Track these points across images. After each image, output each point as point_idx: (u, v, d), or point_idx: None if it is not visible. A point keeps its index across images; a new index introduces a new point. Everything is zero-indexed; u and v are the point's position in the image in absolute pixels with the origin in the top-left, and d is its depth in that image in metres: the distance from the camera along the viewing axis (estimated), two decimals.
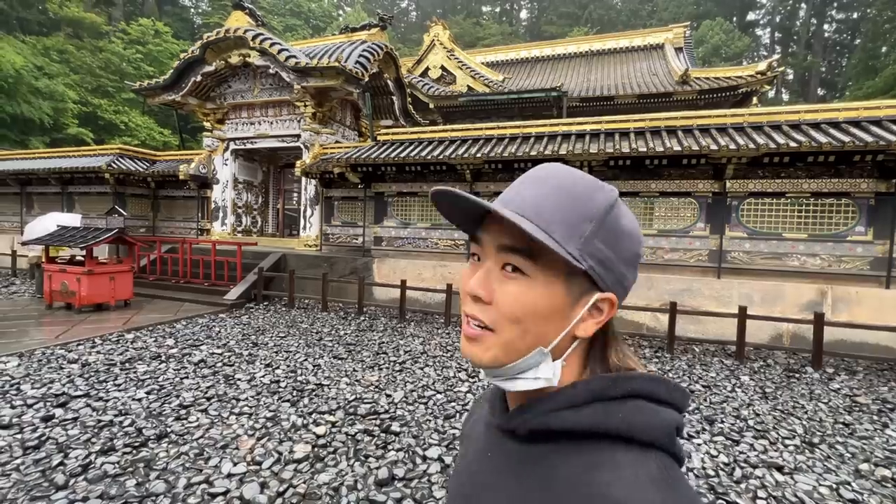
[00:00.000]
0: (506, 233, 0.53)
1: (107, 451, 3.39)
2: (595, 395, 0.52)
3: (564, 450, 0.52)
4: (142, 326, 7.36)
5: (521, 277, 0.52)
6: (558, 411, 0.53)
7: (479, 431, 0.69)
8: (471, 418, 0.78)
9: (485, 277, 0.54)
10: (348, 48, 12.03)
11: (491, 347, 0.53)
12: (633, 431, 0.49)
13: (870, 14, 35.52)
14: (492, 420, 0.64)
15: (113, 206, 11.56)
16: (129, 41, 27.04)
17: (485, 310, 0.53)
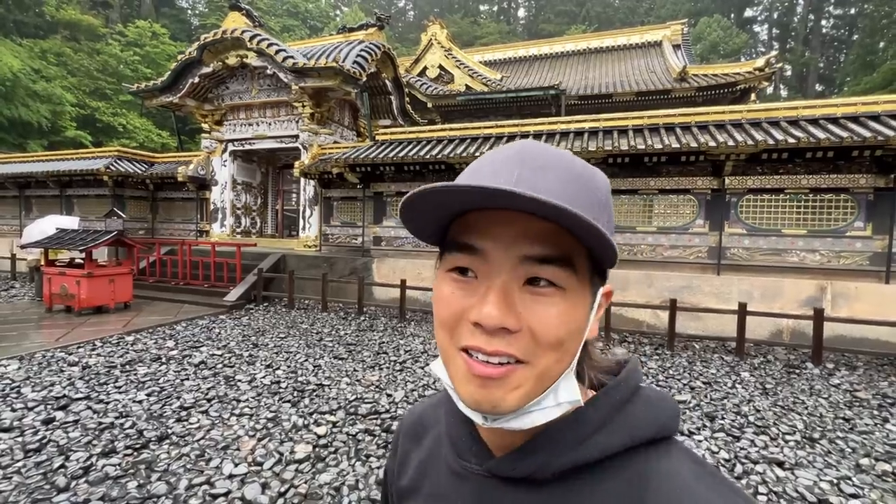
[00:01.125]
0: (531, 237, 0.41)
1: (108, 454, 3.39)
2: (616, 405, 0.45)
3: (592, 479, 0.44)
4: (142, 328, 7.36)
5: (556, 292, 0.42)
6: (589, 440, 0.44)
7: (442, 486, 0.53)
8: (405, 466, 0.61)
9: (505, 301, 0.41)
10: (346, 48, 12.03)
11: (521, 384, 0.42)
12: (662, 431, 0.44)
13: (867, 10, 35.55)
14: (465, 466, 0.50)
15: (111, 208, 11.55)
16: (127, 43, 27.02)
17: (512, 340, 0.41)
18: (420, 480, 0.57)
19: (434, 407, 0.63)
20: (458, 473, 0.51)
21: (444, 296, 0.45)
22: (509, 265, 0.42)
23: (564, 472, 0.44)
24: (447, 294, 0.45)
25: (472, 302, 0.43)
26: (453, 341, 0.44)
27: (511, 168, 0.42)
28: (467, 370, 0.43)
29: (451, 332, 0.44)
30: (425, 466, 0.57)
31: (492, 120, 11.41)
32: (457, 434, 0.52)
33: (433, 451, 0.57)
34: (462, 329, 0.43)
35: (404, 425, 0.66)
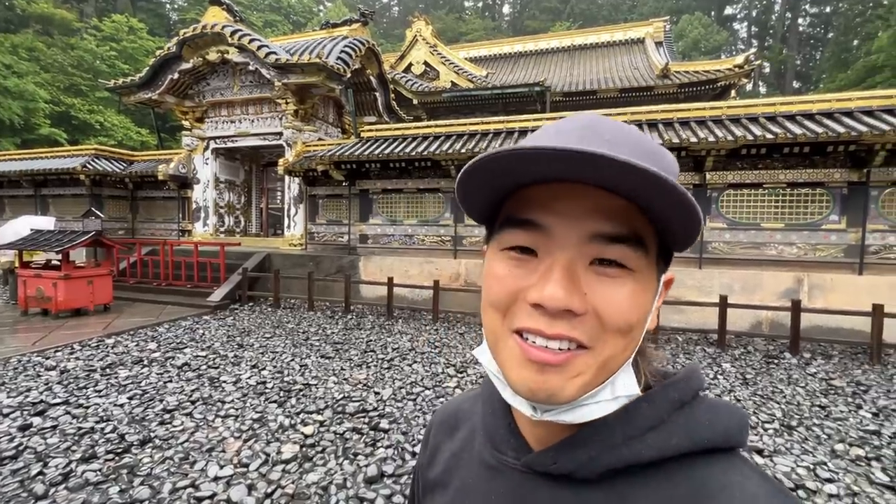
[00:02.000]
0: (602, 213, 0.38)
1: (88, 459, 3.31)
2: (674, 404, 0.42)
3: (644, 483, 0.40)
4: (123, 331, 7.20)
5: (625, 274, 0.39)
6: (642, 437, 0.40)
7: (473, 479, 0.50)
8: (436, 457, 0.58)
9: (570, 281, 0.38)
10: (329, 44, 11.89)
11: (582, 372, 0.39)
12: (728, 439, 0.40)
13: (841, 8, 36.47)
14: (501, 458, 0.47)
15: (89, 208, 11.26)
16: (103, 38, 26.26)
17: (576, 323, 0.38)
18: (450, 473, 0.54)
19: (470, 401, 0.60)
20: (493, 467, 0.48)
21: (499, 275, 0.42)
22: (576, 243, 0.39)
23: (611, 471, 0.40)
24: (502, 273, 0.41)
25: (531, 281, 0.40)
26: (506, 323, 0.41)
27: (579, 139, 0.38)
28: (522, 355, 0.39)
29: (504, 314, 0.41)
30: (457, 459, 0.54)
31: (478, 116, 11.42)
32: (494, 426, 0.49)
33: (466, 444, 0.54)
34: (518, 310, 0.40)
35: (437, 418, 0.63)
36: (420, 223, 9.97)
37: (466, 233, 9.59)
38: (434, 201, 9.87)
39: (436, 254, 9.76)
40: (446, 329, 7.75)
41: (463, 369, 5.55)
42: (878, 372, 5.62)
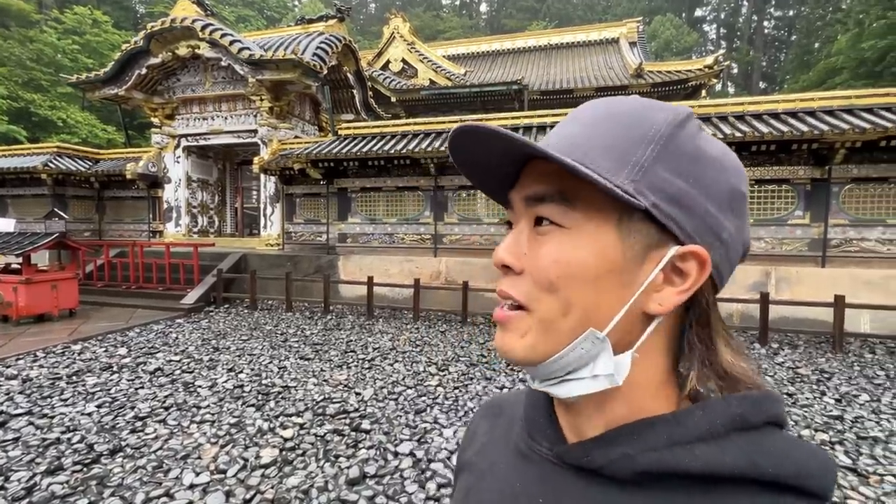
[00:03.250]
0: (533, 179, 0.41)
1: (54, 471, 3.17)
2: (736, 422, 0.37)
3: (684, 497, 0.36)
4: (90, 336, 6.91)
5: (555, 230, 0.40)
6: (689, 445, 0.36)
7: (501, 464, 0.50)
8: (474, 440, 0.58)
9: (514, 241, 0.42)
10: (305, 40, 11.68)
11: (526, 332, 0.40)
12: (802, 477, 0.35)
13: (804, 12, 38.02)
14: (534, 447, 0.46)
15: (52, 208, 10.77)
16: (64, 31, 25.08)
17: (515, 282, 0.41)
18: (482, 455, 0.53)
19: (517, 394, 0.60)
20: (525, 455, 0.47)
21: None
22: (522, 208, 0.43)
23: (648, 474, 0.37)
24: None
25: None
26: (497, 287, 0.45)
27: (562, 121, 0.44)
28: (494, 315, 0.44)
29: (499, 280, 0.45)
30: (492, 444, 0.54)
31: (456, 114, 11.43)
32: (533, 415, 0.48)
33: (504, 431, 0.53)
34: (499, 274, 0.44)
35: (483, 406, 0.64)
36: (400, 221, 9.92)
37: (446, 231, 9.59)
38: (414, 199, 9.83)
39: (416, 252, 9.72)
40: (427, 328, 7.73)
41: (444, 367, 5.55)
42: (840, 360, 5.89)
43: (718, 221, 0.39)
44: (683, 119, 0.40)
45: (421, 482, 3.06)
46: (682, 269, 0.38)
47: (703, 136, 0.40)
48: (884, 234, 7.33)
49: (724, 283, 0.42)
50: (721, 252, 0.39)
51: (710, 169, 0.39)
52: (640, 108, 0.40)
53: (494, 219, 9.30)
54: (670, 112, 0.40)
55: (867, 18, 23.18)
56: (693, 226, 0.38)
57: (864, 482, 3.07)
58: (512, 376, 5.22)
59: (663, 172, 0.37)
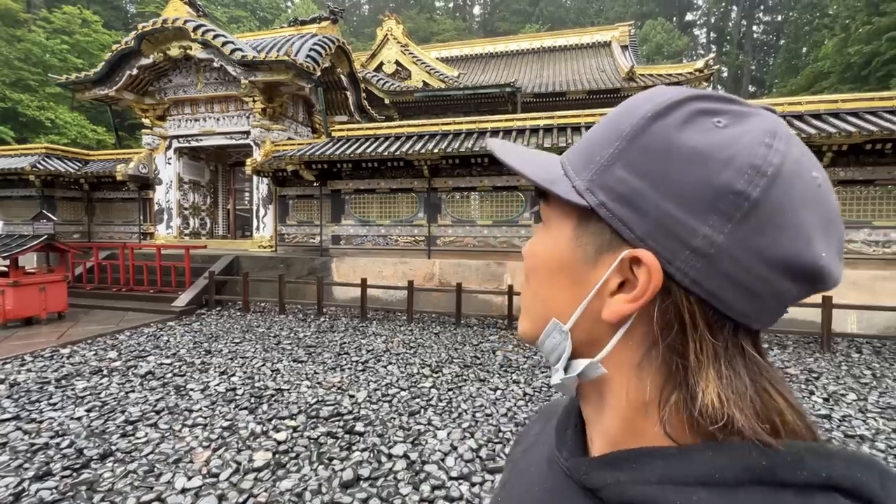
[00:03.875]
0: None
1: (42, 477, 3.12)
2: (755, 473, 0.30)
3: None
4: (79, 340, 6.83)
5: (539, 227, 0.44)
6: (687, 487, 0.31)
7: (534, 466, 0.48)
8: (524, 438, 0.58)
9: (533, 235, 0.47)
10: (298, 41, 11.65)
11: (524, 313, 0.45)
12: None
13: (792, 17, 38.62)
14: (557, 456, 0.44)
15: (40, 210, 10.62)
16: (53, 30, 24.78)
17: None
18: (526, 454, 0.53)
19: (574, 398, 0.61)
20: (551, 462, 0.45)
21: None
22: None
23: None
24: None
25: None
26: None
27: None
28: None
29: None
30: (537, 445, 0.52)
31: (450, 116, 11.44)
32: (564, 422, 0.47)
33: (547, 431, 0.52)
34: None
35: (544, 406, 0.64)
36: (393, 223, 9.91)
37: (440, 233, 9.60)
38: (407, 201, 9.83)
39: (409, 254, 9.72)
40: (421, 329, 7.73)
41: (438, 369, 5.55)
42: (828, 360, 5.99)
43: (684, 225, 0.32)
44: (665, 108, 0.34)
45: (415, 484, 3.07)
46: (633, 276, 0.35)
47: (692, 126, 0.34)
48: (870, 236, 7.46)
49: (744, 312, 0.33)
50: (697, 264, 0.32)
51: (680, 164, 0.33)
52: (635, 101, 0.37)
53: (488, 220, 9.33)
54: (656, 102, 0.35)
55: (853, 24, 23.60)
56: (645, 229, 0.34)
57: None
58: (506, 378, 5.24)
59: (620, 170, 0.35)
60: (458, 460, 3.37)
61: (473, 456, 3.43)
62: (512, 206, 9.16)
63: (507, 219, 9.19)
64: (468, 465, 3.31)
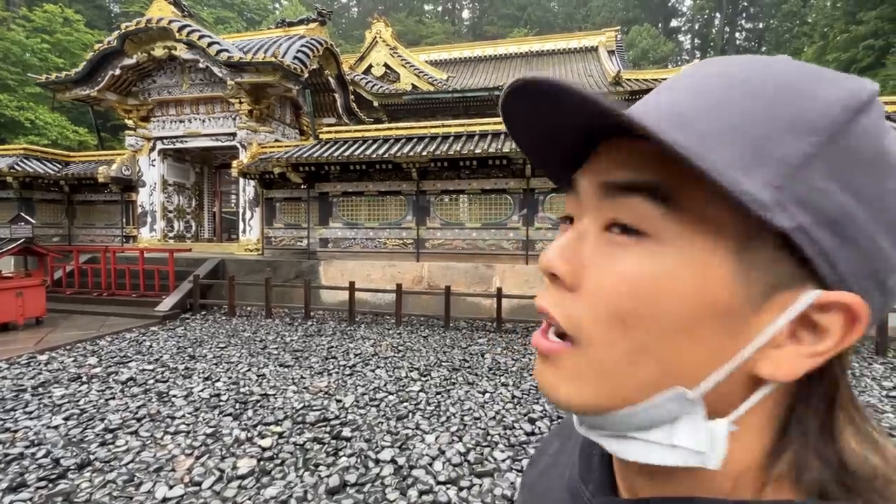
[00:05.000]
0: (615, 161, 0.29)
1: (16, 488, 3.02)
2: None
3: None
4: (58, 346, 6.65)
5: (640, 241, 0.28)
6: None
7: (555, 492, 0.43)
8: (541, 458, 0.52)
9: (571, 243, 0.31)
10: (286, 43, 11.56)
11: (578, 375, 0.29)
12: None
13: (773, 25, 39.60)
14: (581, 488, 0.39)
15: (18, 213, 10.35)
16: (33, 29, 24.26)
17: (563, 300, 0.30)
18: (543, 477, 0.47)
19: None
20: (574, 494, 0.39)
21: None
22: (592, 201, 0.31)
23: None
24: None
25: None
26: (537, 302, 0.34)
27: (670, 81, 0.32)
28: (533, 340, 0.33)
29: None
30: (554, 467, 0.47)
31: (438, 119, 11.45)
32: (589, 451, 0.41)
33: (568, 456, 0.46)
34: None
35: (561, 423, 0.57)
36: (382, 226, 9.87)
37: (429, 235, 9.59)
38: (396, 204, 9.80)
39: (398, 257, 9.69)
40: (409, 333, 7.69)
41: (426, 372, 5.52)
42: None
43: (890, 261, 0.26)
44: (865, 102, 0.25)
45: (402, 489, 3.04)
46: (818, 323, 0.26)
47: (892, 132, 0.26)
48: None
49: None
50: (879, 304, 0.27)
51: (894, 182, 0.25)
52: (795, 76, 0.27)
53: (477, 223, 9.34)
54: (844, 89, 0.26)
55: (831, 32, 24.28)
56: (852, 265, 0.25)
57: None
58: (494, 381, 5.23)
59: (821, 180, 0.25)
60: (446, 464, 3.35)
61: (462, 460, 3.41)
62: (501, 208, 9.18)
63: (496, 221, 9.21)
64: (456, 469, 3.29)
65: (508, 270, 8.86)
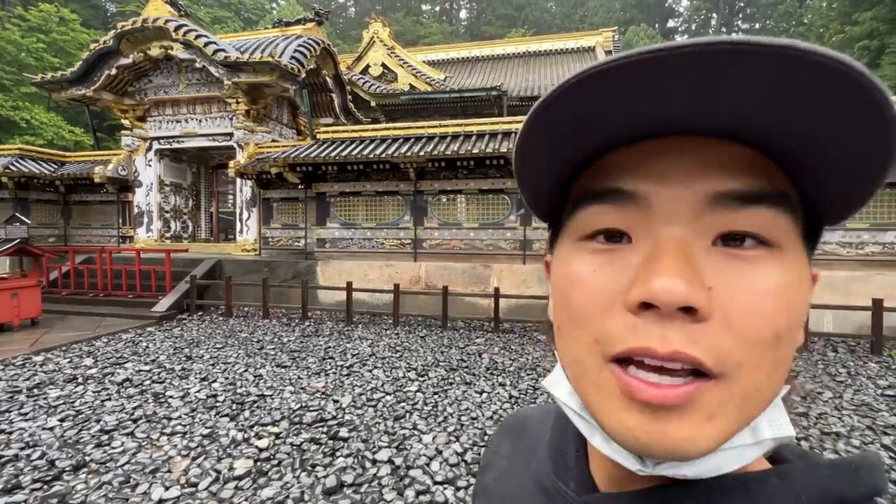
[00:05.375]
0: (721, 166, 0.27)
1: (11, 490, 3.00)
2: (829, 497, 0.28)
3: None
4: (53, 347, 6.62)
5: (769, 256, 0.27)
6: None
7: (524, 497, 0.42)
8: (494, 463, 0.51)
9: (688, 265, 0.26)
10: (283, 43, 11.54)
11: (717, 413, 0.26)
12: None
13: (769, 26, 39.77)
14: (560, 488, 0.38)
15: (13, 213, 10.29)
16: (29, 29, 24.12)
17: (698, 335, 0.26)
18: (502, 482, 0.46)
19: (544, 413, 0.52)
20: (549, 493, 0.39)
21: (580, 276, 0.30)
22: (689, 213, 0.27)
23: None
24: (585, 273, 0.30)
25: (627, 277, 0.28)
26: (599, 348, 0.28)
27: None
28: (624, 392, 0.27)
29: (597, 334, 0.28)
30: (511, 470, 0.46)
31: (436, 119, 11.45)
32: (560, 448, 0.41)
33: (527, 455, 0.46)
34: (613, 325, 0.28)
35: (506, 423, 0.57)
36: (379, 226, 9.86)
37: (426, 235, 9.59)
38: (393, 204, 9.80)
39: (395, 257, 9.68)
40: (407, 333, 7.69)
41: (424, 373, 5.52)
42: (806, 359, 6.13)
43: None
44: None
45: (399, 489, 3.03)
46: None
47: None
48: (843, 238, 7.68)
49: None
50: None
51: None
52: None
53: (474, 223, 9.35)
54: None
55: (827, 33, 24.40)
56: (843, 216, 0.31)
57: None
58: (491, 380, 5.24)
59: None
60: (444, 464, 3.35)
61: (459, 460, 3.41)
62: (498, 208, 9.19)
63: (494, 221, 9.22)
64: (453, 469, 3.29)
65: (506, 270, 8.86)
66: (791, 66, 0.22)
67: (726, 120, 0.26)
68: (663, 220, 0.28)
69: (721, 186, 0.27)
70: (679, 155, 0.28)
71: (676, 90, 0.24)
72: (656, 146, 0.28)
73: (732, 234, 0.27)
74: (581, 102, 0.26)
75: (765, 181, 0.27)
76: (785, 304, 0.27)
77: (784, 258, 0.27)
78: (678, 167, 0.28)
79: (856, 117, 0.23)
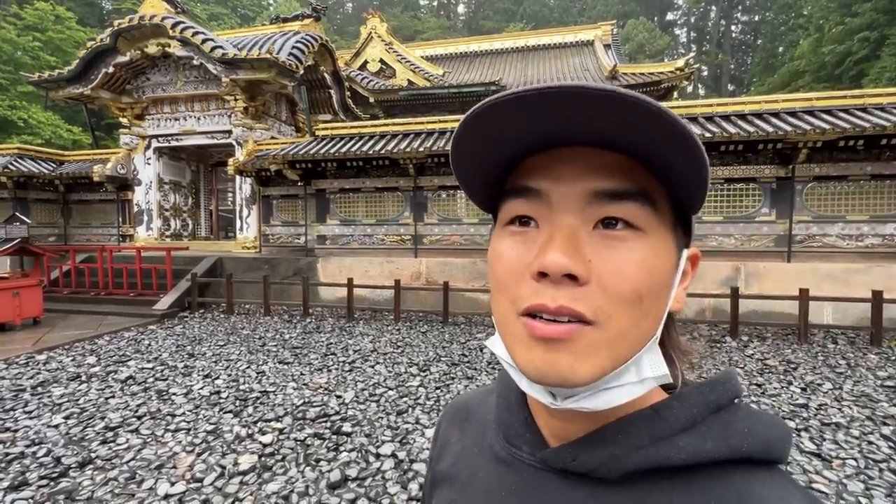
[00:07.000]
0: (601, 170, 0.36)
1: (18, 487, 3.03)
2: (709, 406, 0.39)
3: (672, 488, 0.37)
4: (56, 345, 6.64)
5: (634, 236, 0.36)
6: (672, 438, 0.37)
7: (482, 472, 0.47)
8: (446, 450, 0.55)
9: (571, 244, 0.35)
10: (280, 39, 11.50)
11: (593, 352, 0.35)
12: (768, 451, 0.37)
13: (768, 17, 39.53)
14: (515, 453, 0.44)
15: (13, 213, 10.29)
16: (24, 27, 23.99)
17: (580, 294, 0.35)
18: (458, 466, 0.50)
19: (483, 394, 0.58)
20: (505, 461, 0.45)
21: (501, 254, 0.39)
22: (576, 205, 0.37)
23: (634, 472, 0.37)
24: (504, 251, 0.39)
25: (533, 253, 0.37)
26: (514, 306, 0.37)
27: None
28: (528, 334, 0.36)
29: (512, 296, 0.38)
30: (466, 452, 0.51)
31: (434, 115, 11.43)
32: (508, 419, 0.47)
33: (477, 436, 0.51)
34: (523, 289, 0.37)
35: (448, 410, 0.61)
36: (379, 222, 9.86)
37: (426, 231, 9.59)
38: (393, 200, 9.79)
39: (396, 253, 9.69)
40: (408, 328, 7.71)
41: (426, 368, 5.55)
42: (806, 350, 6.16)
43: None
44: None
45: (403, 483, 3.06)
46: (685, 268, 0.41)
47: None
48: (843, 230, 7.68)
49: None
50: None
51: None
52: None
53: (474, 219, 9.35)
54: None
55: (827, 24, 24.27)
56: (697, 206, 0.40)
57: (828, 466, 3.21)
58: (493, 375, 5.26)
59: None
60: None
61: None
62: None
63: None
64: None
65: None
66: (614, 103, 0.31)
67: (600, 135, 0.35)
68: (558, 210, 0.37)
69: (598, 186, 0.36)
70: (572, 161, 0.37)
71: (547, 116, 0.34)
72: (558, 154, 0.37)
73: (608, 220, 0.36)
74: (490, 123, 0.36)
75: (629, 182, 0.36)
76: (645, 271, 0.36)
77: (647, 239, 0.36)
78: (570, 170, 0.37)
79: (666, 134, 0.32)
